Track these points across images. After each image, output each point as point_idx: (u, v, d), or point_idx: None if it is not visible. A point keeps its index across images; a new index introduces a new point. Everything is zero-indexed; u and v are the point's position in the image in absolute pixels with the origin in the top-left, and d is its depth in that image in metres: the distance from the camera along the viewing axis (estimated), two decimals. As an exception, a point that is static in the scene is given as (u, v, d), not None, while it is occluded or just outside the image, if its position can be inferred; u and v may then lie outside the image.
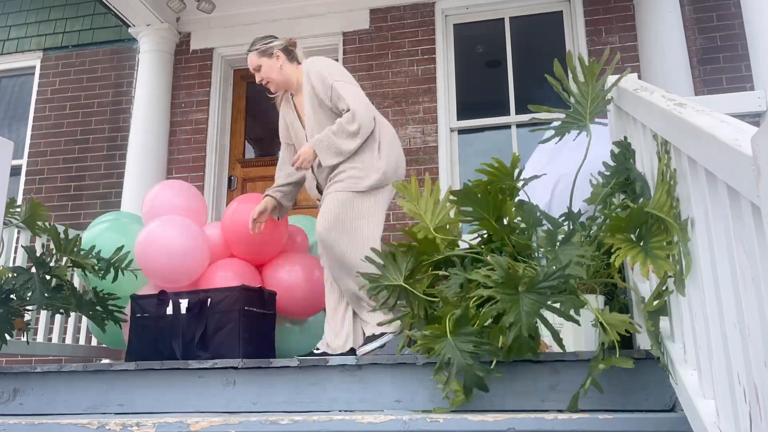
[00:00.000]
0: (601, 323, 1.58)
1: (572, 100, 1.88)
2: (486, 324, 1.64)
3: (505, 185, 1.85)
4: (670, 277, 1.40)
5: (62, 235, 2.53)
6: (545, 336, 1.81)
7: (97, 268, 2.57)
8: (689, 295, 1.33)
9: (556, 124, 1.94)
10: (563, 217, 1.86)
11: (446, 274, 1.89)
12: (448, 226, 1.96)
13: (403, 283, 1.87)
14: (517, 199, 1.90)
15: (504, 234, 1.82)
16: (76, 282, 3.31)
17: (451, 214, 1.95)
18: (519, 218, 1.87)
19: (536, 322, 1.58)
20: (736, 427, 1.07)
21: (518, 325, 1.53)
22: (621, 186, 1.71)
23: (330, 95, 2.61)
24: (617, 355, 1.54)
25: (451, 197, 1.89)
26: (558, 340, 1.63)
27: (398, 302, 1.93)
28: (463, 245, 1.97)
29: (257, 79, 2.81)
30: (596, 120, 1.89)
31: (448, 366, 1.62)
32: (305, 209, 4.65)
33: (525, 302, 1.55)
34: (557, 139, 1.90)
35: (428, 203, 1.97)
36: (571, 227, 1.81)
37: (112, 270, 2.61)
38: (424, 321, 1.85)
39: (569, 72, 1.91)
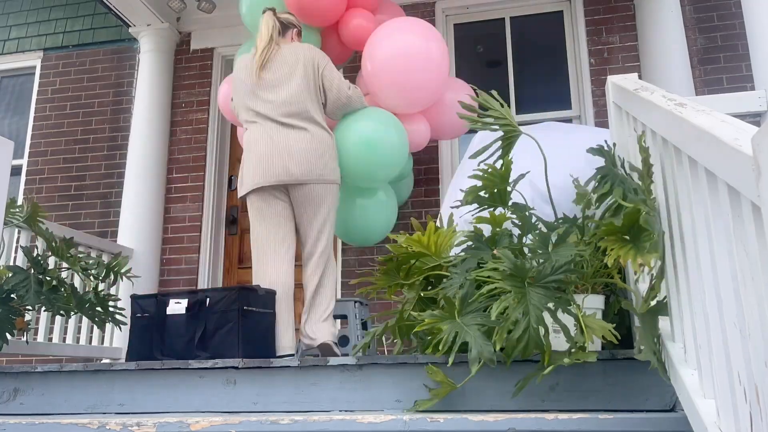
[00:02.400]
0: (580, 325, 1.58)
1: (496, 123, 1.90)
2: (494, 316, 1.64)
3: (498, 189, 1.86)
4: (663, 277, 1.40)
5: (55, 243, 2.53)
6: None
7: (94, 272, 2.58)
8: (690, 295, 1.33)
9: (490, 139, 1.95)
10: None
11: (445, 274, 1.89)
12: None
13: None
14: (511, 202, 1.91)
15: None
16: (77, 282, 3.31)
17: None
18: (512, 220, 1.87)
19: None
20: (737, 427, 1.07)
21: (527, 317, 1.53)
22: (606, 194, 1.71)
23: None
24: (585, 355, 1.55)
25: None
26: (547, 342, 1.62)
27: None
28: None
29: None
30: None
31: (454, 343, 1.62)
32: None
33: (532, 296, 1.56)
34: (495, 153, 1.92)
35: (430, 240, 1.95)
36: (567, 228, 1.81)
37: (111, 274, 2.62)
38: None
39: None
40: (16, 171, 4.98)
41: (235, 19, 4.97)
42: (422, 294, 1.95)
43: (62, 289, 2.59)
